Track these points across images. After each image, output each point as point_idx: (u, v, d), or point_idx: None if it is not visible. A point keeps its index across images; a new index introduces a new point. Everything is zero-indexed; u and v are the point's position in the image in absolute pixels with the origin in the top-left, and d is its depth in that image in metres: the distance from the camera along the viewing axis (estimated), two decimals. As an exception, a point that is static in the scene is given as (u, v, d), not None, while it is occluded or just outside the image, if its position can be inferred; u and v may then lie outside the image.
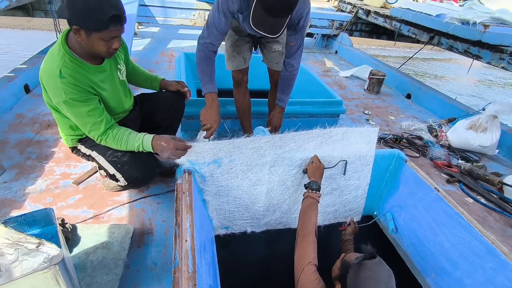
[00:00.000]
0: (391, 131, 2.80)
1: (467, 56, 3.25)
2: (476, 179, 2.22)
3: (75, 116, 1.36)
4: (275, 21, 1.44)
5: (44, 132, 2.16)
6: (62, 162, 1.91)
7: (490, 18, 3.03)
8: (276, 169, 1.54)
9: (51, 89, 1.31)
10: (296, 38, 1.77)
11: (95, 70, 1.40)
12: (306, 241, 1.18)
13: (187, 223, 1.12)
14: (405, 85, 3.77)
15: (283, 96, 1.96)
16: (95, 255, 1.33)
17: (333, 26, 5.13)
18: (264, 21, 1.44)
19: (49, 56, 1.33)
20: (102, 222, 1.55)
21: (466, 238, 1.35)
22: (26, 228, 1.16)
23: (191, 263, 1.00)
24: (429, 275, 1.52)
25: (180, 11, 4.52)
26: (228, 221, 1.65)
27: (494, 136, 2.48)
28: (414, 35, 3.90)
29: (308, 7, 1.66)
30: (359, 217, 1.85)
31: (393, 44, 5.15)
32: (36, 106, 2.45)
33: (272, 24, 1.45)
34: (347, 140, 1.55)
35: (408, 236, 1.67)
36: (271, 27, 1.46)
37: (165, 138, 1.36)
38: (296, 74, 1.91)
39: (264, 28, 1.46)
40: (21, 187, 1.68)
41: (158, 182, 1.84)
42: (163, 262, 1.40)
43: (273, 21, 1.43)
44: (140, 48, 4.24)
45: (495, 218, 1.92)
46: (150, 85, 1.83)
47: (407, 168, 1.70)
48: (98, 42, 1.27)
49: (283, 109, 1.99)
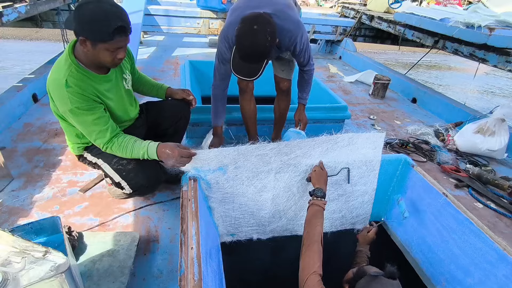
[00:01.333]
0: (397, 135, 2.77)
1: (473, 59, 3.23)
2: (485, 183, 2.18)
3: (81, 124, 1.38)
4: (251, 67, 1.55)
5: (52, 141, 2.19)
6: (69, 170, 1.92)
7: (495, 21, 3.01)
8: (281, 176, 1.53)
9: (57, 98, 1.33)
10: (302, 56, 1.82)
11: (101, 80, 1.42)
12: (311, 250, 1.16)
13: (192, 230, 1.12)
14: (410, 89, 3.75)
15: (304, 94, 2.07)
16: (101, 263, 1.33)
17: (336, 32, 5.15)
18: (242, 67, 1.56)
19: (56, 66, 1.35)
20: (108, 230, 1.55)
21: (476, 245, 1.32)
22: (33, 236, 1.17)
23: (197, 271, 0.99)
24: (439, 283, 1.48)
25: (184, 20, 4.58)
26: (234, 228, 1.64)
27: (503, 139, 2.45)
28: (419, 39, 3.89)
29: (301, 32, 1.70)
30: (366, 223, 1.82)
31: (396, 48, 5.14)
32: (44, 115, 2.49)
33: (248, 69, 1.56)
34: (353, 146, 1.54)
35: (417, 242, 1.64)
36: (248, 72, 1.56)
37: (170, 145, 1.37)
38: (312, 74, 1.99)
39: (242, 73, 1.58)
40: (29, 195, 1.70)
41: (163, 189, 1.84)
42: (169, 270, 1.40)
43: (249, 67, 1.54)
44: (146, 57, 4.30)
45: (506, 223, 1.88)
46: (156, 94, 1.85)
47: (414, 173, 1.67)
48: (104, 52, 1.29)
49: (305, 106, 2.11)
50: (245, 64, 1.54)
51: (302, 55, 1.81)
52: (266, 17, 1.52)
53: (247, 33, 1.47)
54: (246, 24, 1.49)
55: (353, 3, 6.02)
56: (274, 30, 1.52)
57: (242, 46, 1.50)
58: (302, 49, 1.76)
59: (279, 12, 1.63)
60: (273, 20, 1.55)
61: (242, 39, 1.49)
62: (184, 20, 4.58)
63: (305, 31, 1.75)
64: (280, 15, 1.63)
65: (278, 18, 1.61)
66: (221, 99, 1.96)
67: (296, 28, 1.68)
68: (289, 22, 1.66)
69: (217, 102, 1.95)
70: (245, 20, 1.50)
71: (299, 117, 2.09)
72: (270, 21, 1.52)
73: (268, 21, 1.51)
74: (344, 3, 5.98)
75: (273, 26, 1.52)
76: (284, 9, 1.67)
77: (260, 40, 1.47)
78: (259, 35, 1.46)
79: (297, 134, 1.97)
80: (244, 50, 1.51)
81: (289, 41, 1.70)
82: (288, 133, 2.02)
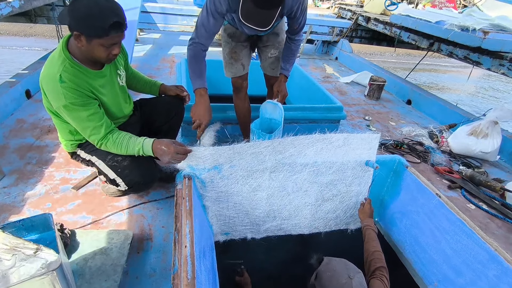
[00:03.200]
0: (392, 136, 2.79)
1: (467, 62, 3.26)
2: (478, 185, 2.21)
3: (75, 120, 1.36)
4: (264, 13, 1.43)
5: (45, 137, 2.16)
6: (62, 167, 1.90)
7: (489, 24, 3.05)
8: (276, 175, 1.53)
9: (51, 94, 1.32)
10: (297, 22, 1.77)
11: (95, 75, 1.41)
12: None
13: (186, 228, 1.11)
14: (406, 91, 3.78)
15: (288, 65, 1.98)
16: (94, 261, 1.32)
17: (333, 33, 5.16)
18: (254, 14, 1.43)
19: (50, 61, 1.34)
20: (101, 228, 1.54)
21: (468, 245, 1.33)
22: (25, 234, 1.15)
23: (191, 269, 0.98)
24: (431, 282, 1.50)
25: (181, 18, 4.56)
26: (228, 227, 1.63)
27: (495, 142, 2.47)
28: (414, 42, 3.92)
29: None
30: (360, 223, 1.83)
31: (392, 50, 5.18)
32: (37, 112, 2.46)
33: (261, 16, 1.44)
34: (348, 146, 1.55)
35: (410, 243, 1.65)
36: (260, 20, 1.45)
37: (166, 142, 1.36)
38: (300, 45, 1.93)
39: (253, 22, 1.45)
40: (21, 192, 1.68)
41: (158, 187, 1.83)
42: (162, 268, 1.39)
43: (263, 13, 1.42)
44: (142, 54, 4.27)
45: (497, 224, 1.90)
46: (150, 90, 1.84)
47: (408, 174, 1.69)
48: (99, 48, 1.28)
49: (287, 78, 2.02)
50: (259, 11, 1.40)
51: (301, 19, 1.74)
52: None
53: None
54: None
55: (350, 5, 6.05)
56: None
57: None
58: (303, 10, 1.69)
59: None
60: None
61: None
62: (181, 18, 4.56)
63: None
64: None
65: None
66: (202, 59, 1.73)
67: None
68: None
69: (197, 61, 1.72)
70: None
71: (278, 88, 1.97)
72: None
73: None
74: (341, 4, 6.00)
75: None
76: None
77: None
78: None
79: (273, 106, 1.87)
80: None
81: (293, 1, 1.61)
82: (265, 105, 1.91)
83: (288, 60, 1.98)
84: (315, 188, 1.64)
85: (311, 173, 1.58)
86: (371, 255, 1.38)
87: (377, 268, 1.30)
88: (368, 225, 1.54)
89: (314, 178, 1.60)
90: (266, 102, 1.90)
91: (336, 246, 1.94)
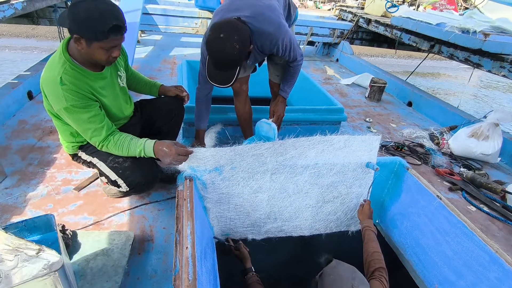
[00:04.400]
0: (393, 138, 2.79)
1: (468, 64, 3.26)
2: (479, 187, 2.21)
3: (76, 122, 1.37)
4: (223, 74, 1.54)
5: (46, 138, 2.17)
6: (64, 168, 1.91)
7: (490, 27, 3.06)
8: (277, 177, 1.53)
9: (52, 96, 1.32)
10: (287, 56, 1.79)
11: (96, 77, 1.41)
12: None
13: (187, 230, 1.12)
14: (406, 93, 3.78)
15: (286, 87, 2.01)
16: (95, 262, 1.32)
17: (334, 35, 5.18)
18: (215, 74, 1.56)
19: (50, 64, 1.34)
20: (102, 229, 1.54)
21: (469, 247, 1.33)
22: (27, 234, 1.16)
23: (192, 270, 0.99)
24: (432, 284, 1.50)
25: (182, 20, 4.57)
26: (229, 228, 1.64)
27: (496, 144, 2.47)
28: (415, 44, 3.93)
29: (282, 36, 1.66)
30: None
31: (392, 52, 5.18)
32: (39, 113, 2.47)
33: (221, 76, 1.56)
34: (349, 148, 1.55)
35: (411, 245, 1.65)
36: (220, 79, 1.57)
37: (167, 143, 1.37)
38: (299, 69, 1.95)
39: (215, 80, 1.58)
40: (22, 193, 1.68)
41: (159, 189, 1.84)
42: (163, 269, 1.39)
43: (222, 74, 1.54)
44: (143, 56, 4.28)
45: (498, 226, 1.90)
46: (149, 91, 1.85)
47: (409, 176, 1.69)
48: (98, 51, 1.28)
49: (285, 99, 2.05)
50: (217, 72, 1.54)
51: (287, 55, 1.77)
52: (235, 24, 1.50)
53: (215, 42, 1.47)
54: (214, 31, 1.48)
55: (350, 7, 6.07)
56: (244, 37, 1.50)
57: (211, 54, 1.51)
58: (286, 50, 1.73)
59: (258, 15, 1.61)
60: (244, 26, 1.53)
61: (210, 47, 1.49)
62: (182, 20, 4.58)
63: (288, 32, 1.70)
64: (259, 17, 1.61)
65: (256, 21, 1.59)
66: (205, 103, 1.93)
67: (276, 30, 1.64)
68: (268, 24, 1.62)
69: (200, 106, 1.94)
70: (214, 27, 1.50)
71: (274, 108, 2.02)
72: (239, 28, 1.49)
73: (236, 28, 1.48)
74: (341, 6, 6.03)
75: (242, 33, 1.49)
76: (264, 11, 1.63)
77: (228, 49, 1.45)
78: (226, 43, 1.44)
79: (267, 126, 1.87)
80: (214, 58, 1.51)
81: (270, 43, 1.67)
82: (259, 123, 1.91)
83: (287, 82, 2.00)
84: (316, 190, 1.64)
85: (312, 175, 1.59)
86: (370, 256, 1.38)
87: (376, 269, 1.30)
88: (367, 226, 1.54)
89: (315, 180, 1.61)
90: (261, 121, 1.91)
91: (337, 248, 1.93)
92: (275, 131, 1.80)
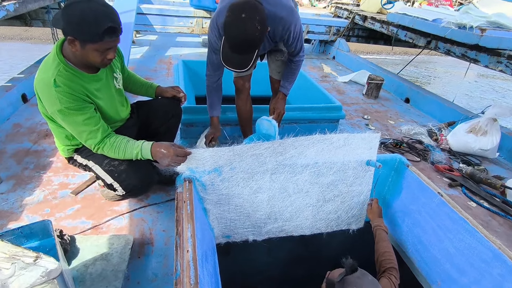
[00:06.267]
0: (391, 135, 2.79)
1: (465, 60, 3.26)
2: (478, 182, 2.21)
3: (71, 125, 1.35)
4: (241, 58, 1.49)
5: (42, 142, 2.14)
6: (60, 171, 1.88)
7: (486, 22, 3.05)
8: (277, 177, 1.52)
9: (46, 98, 1.30)
10: (294, 45, 1.77)
11: (91, 79, 1.39)
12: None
13: (188, 233, 1.10)
14: (404, 89, 3.78)
15: (287, 83, 1.99)
16: (94, 267, 1.30)
17: (330, 32, 5.16)
18: (231, 58, 1.49)
19: (44, 66, 1.32)
20: (101, 233, 1.52)
21: (472, 244, 1.33)
22: (24, 241, 1.14)
23: (193, 274, 0.97)
24: (435, 282, 1.49)
25: (177, 19, 4.54)
26: (229, 229, 1.62)
27: (495, 139, 2.47)
28: (411, 40, 3.92)
29: (295, 21, 1.63)
30: (361, 223, 1.82)
31: (389, 49, 5.19)
32: (34, 116, 2.44)
33: (238, 60, 1.49)
34: (348, 146, 1.54)
35: (412, 242, 1.65)
36: (238, 63, 1.50)
37: (165, 145, 1.35)
38: (300, 64, 1.94)
39: (232, 64, 1.51)
40: (18, 198, 1.65)
41: (157, 190, 1.82)
42: (164, 273, 1.37)
43: (239, 57, 1.48)
44: (138, 56, 4.25)
45: (499, 222, 1.90)
46: (146, 93, 1.82)
47: (409, 173, 1.68)
48: (93, 53, 1.26)
49: (285, 96, 2.02)
50: (234, 55, 1.47)
51: (295, 44, 1.74)
52: (254, 4, 1.43)
53: (235, 22, 1.39)
54: (233, 12, 1.40)
55: (346, 4, 6.06)
56: (264, 17, 1.44)
57: (230, 36, 1.43)
58: (296, 38, 1.70)
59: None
60: (263, 7, 1.47)
61: (230, 29, 1.42)
62: (177, 20, 4.54)
63: (299, 19, 1.67)
64: (272, 1, 1.56)
65: (269, 5, 1.54)
66: (215, 90, 1.91)
67: (289, 15, 1.60)
68: (281, 8, 1.58)
69: (211, 93, 1.91)
70: (233, 8, 1.41)
71: (274, 105, 1.99)
72: (259, 8, 1.43)
73: (257, 8, 1.42)
74: (337, 3, 6.01)
75: (263, 14, 1.44)
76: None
77: (250, 30, 1.39)
78: (248, 23, 1.38)
79: (268, 123, 1.87)
80: (233, 40, 1.43)
81: (283, 29, 1.63)
82: (260, 121, 1.92)
83: (287, 78, 1.98)
84: (316, 189, 1.63)
85: (312, 174, 1.57)
86: (382, 256, 1.38)
87: (387, 268, 1.31)
88: (378, 225, 1.54)
89: (315, 179, 1.59)
90: (262, 119, 1.91)
91: (338, 247, 1.93)
92: (276, 128, 1.79)
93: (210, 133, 1.95)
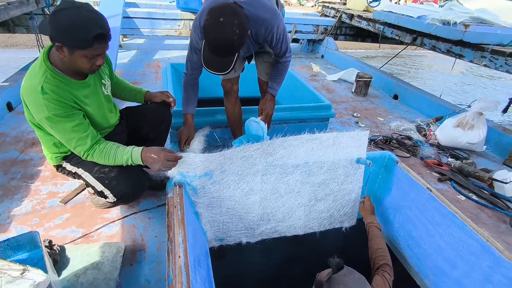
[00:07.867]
0: (381, 132, 2.82)
1: (450, 55, 3.32)
2: (467, 176, 2.24)
3: (59, 132, 1.32)
4: (221, 61, 1.47)
5: (29, 151, 2.10)
6: (49, 180, 1.85)
7: (469, 18, 3.11)
8: (268, 178, 1.52)
9: (33, 106, 1.28)
10: (278, 47, 1.77)
11: (79, 86, 1.37)
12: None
13: (179, 238, 1.09)
14: (392, 86, 3.82)
15: (274, 84, 1.98)
16: (85, 276, 1.28)
17: (318, 31, 5.19)
18: (212, 61, 1.48)
19: (30, 73, 1.29)
20: (92, 242, 1.50)
21: (461, 237, 1.35)
22: (11, 254, 1.11)
23: (185, 280, 0.97)
24: (427, 276, 1.51)
25: (164, 22, 4.50)
26: (222, 232, 1.62)
27: (481, 132, 2.52)
28: (398, 37, 3.97)
29: (277, 23, 1.63)
30: (354, 221, 1.84)
31: (376, 46, 5.24)
32: (20, 124, 2.39)
33: (218, 63, 1.48)
34: (338, 145, 1.55)
35: (404, 237, 1.67)
36: (218, 66, 1.49)
37: (155, 150, 1.33)
38: (287, 65, 1.93)
39: (212, 67, 1.50)
40: (6, 209, 1.62)
41: (148, 196, 1.80)
42: (156, 279, 1.36)
43: (219, 60, 1.47)
44: (126, 61, 4.20)
45: (487, 214, 1.93)
46: (135, 98, 1.81)
47: (398, 169, 1.70)
48: (81, 59, 1.24)
49: (274, 97, 2.02)
50: (215, 58, 1.46)
51: (279, 46, 1.74)
52: (233, 8, 1.43)
53: (214, 26, 1.39)
54: (212, 16, 1.40)
55: (333, 2, 6.10)
56: (243, 21, 1.44)
57: (210, 40, 1.42)
58: (279, 39, 1.70)
59: (253, 1, 1.57)
60: (242, 10, 1.47)
61: (209, 33, 1.41)
62: (164, 22, 4.51)
63: (282, 21, 1.67)
64: (255, 3, 1.57)
65: (252, 7, 1.55)
66: (192, 86, 1.88)
67: (272, 17, 1.61)
68: (264, 10, 1.58)
69: (188, 90, 1.87)
70: (212, 12, 1.41)
71: (263, 106, 1.98)
72: (238, 12, 1.43)
73: (235, 12, 1.42)
74: (324, 2, 6.04)
75: (242, 17, 1.44)
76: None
77: (227, 33, 1.38)
78: (226, 27, 1.38)
79: (256, 124, 1.86)
80: (212, 44, 1.42)
81: (265, 31, 1.63)
82: (248, 122, 1.90)
83: (275, 79, 1.97)
84: (307, 188, 1.63)
85: (303, 174, 1.58)
86: (375, 253, 1.40)
87: (381, 265, 1.33)
88: (371, 222, 1.56)
89: (306, 179, 1.60)
90: (250, 120, 1.89)
91: (331, 245, 1.94)
92: (264, 129, 1.79)
93: (184, 135, 1.84)
